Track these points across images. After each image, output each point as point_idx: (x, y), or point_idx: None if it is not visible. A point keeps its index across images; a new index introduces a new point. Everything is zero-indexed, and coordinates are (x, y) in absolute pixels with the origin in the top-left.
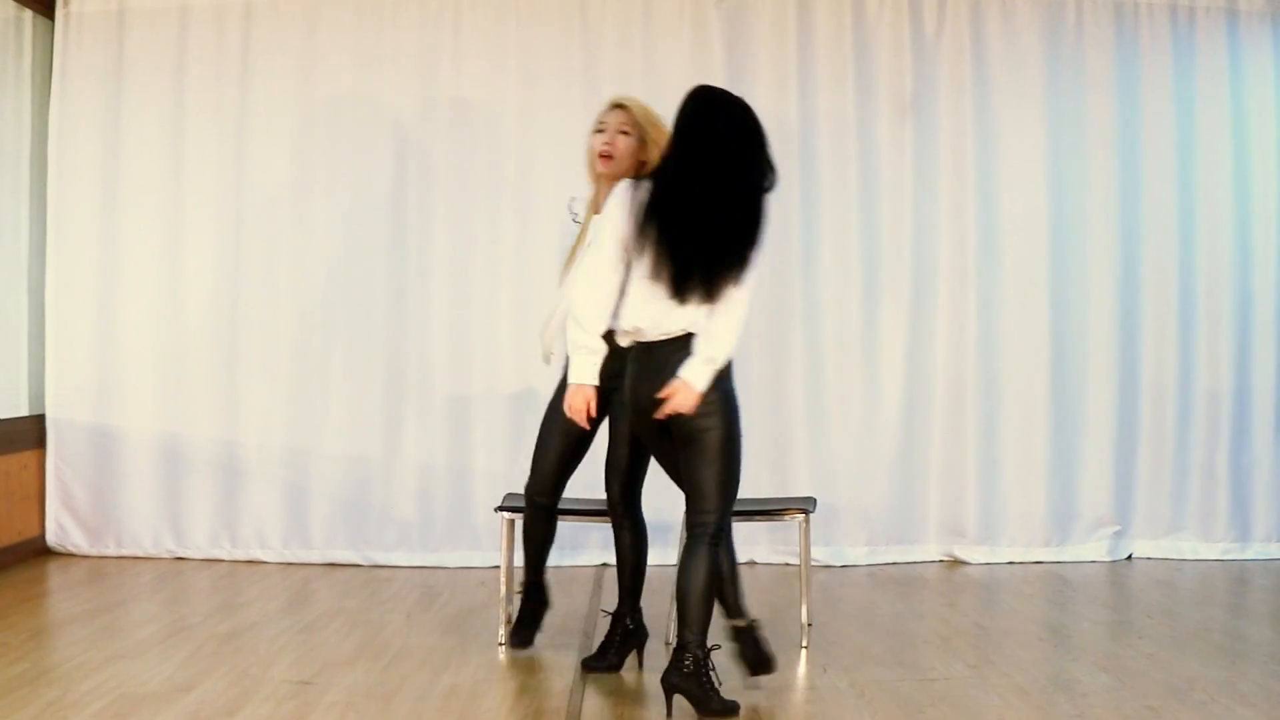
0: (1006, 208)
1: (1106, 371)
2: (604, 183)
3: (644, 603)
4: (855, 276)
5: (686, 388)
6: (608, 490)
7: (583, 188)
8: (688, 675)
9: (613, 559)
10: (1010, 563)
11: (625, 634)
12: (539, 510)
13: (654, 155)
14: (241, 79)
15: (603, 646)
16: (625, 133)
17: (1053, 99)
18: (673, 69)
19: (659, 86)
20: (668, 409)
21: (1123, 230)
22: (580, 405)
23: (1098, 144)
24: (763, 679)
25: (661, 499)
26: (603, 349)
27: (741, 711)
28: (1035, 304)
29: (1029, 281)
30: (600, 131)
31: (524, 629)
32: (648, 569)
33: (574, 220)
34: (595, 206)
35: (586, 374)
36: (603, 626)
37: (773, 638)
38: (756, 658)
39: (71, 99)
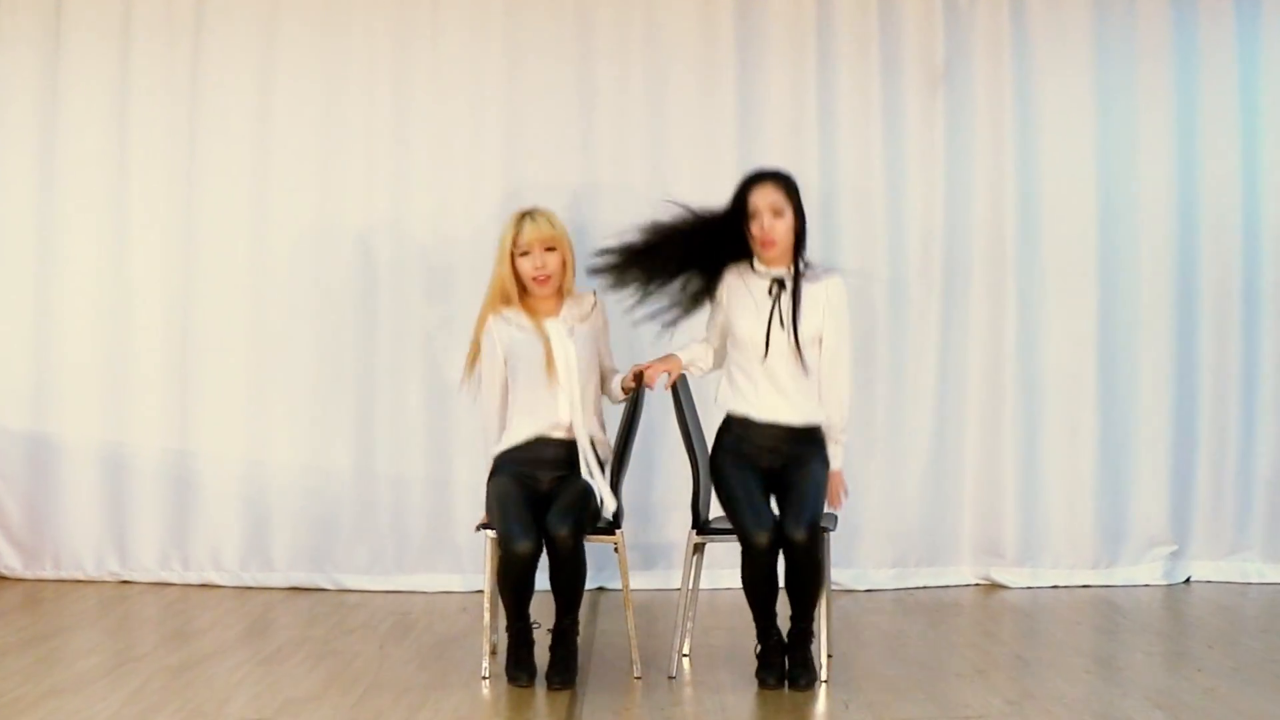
0: (1049, 190)
1: (1161, 373)
2: (542, 299)
3: (652, 633)
4: (880, 266)
5: None
6: (558, 529)
7: (579, 179)
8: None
9: (608, 582)
10: (1054, 586)
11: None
12: (532, 562)
13: (571, 254)
14: (194, 49)
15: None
16: (551, 249)
17: (1101, 68)
18: (677, 40)
19: (661, 61)
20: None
21: (1180, 215)
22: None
23: (1152, 118)
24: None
25: (660, 519)
26: None
27: None
28: (1081, 297)
29: (1074, 272)
30: (525, 255)
31: (525, 665)
32: (654, 592)
33: None
34: (539, 314)
35: None
36: (598, 650)
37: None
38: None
39: (3, 71)
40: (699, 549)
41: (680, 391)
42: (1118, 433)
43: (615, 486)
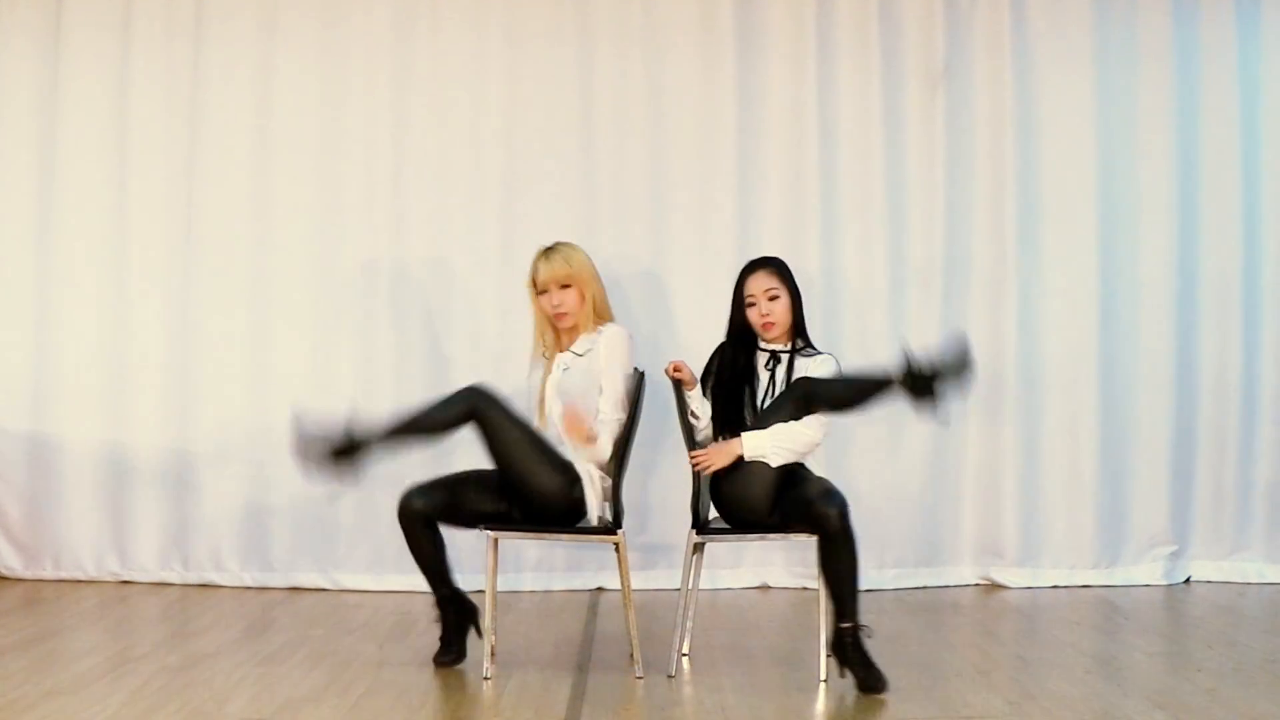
0: (1050, 190)
1: (1162, 373)
2: (566, 332)
3: (652, 633)
4: (879, 267)
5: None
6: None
7: (576, 171)
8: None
9: (608, 582)
10: (1054, 586)
11: (459, 615)
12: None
13: (591, 289)
14: (194, 42)
15: (444, 639)
16: (567, 286)
17: (1102, 68)
18: (675, 30)
19: (660, 48)
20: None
21: (1180, 215)
22: None
23: (1152, 119)
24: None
25: (660, 519)
26: None
27: None
28: (1082, 297)
29: (1075, 273)
30: (544, 293)
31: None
32: (654, 592)
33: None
34: (559, 347)
35: None
36: (601, 651)
37: (789, 670)
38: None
39: (3, 67)
40: (699, 549)
41: (681, 391)
42: (1118, 433)
43: (616, 487)
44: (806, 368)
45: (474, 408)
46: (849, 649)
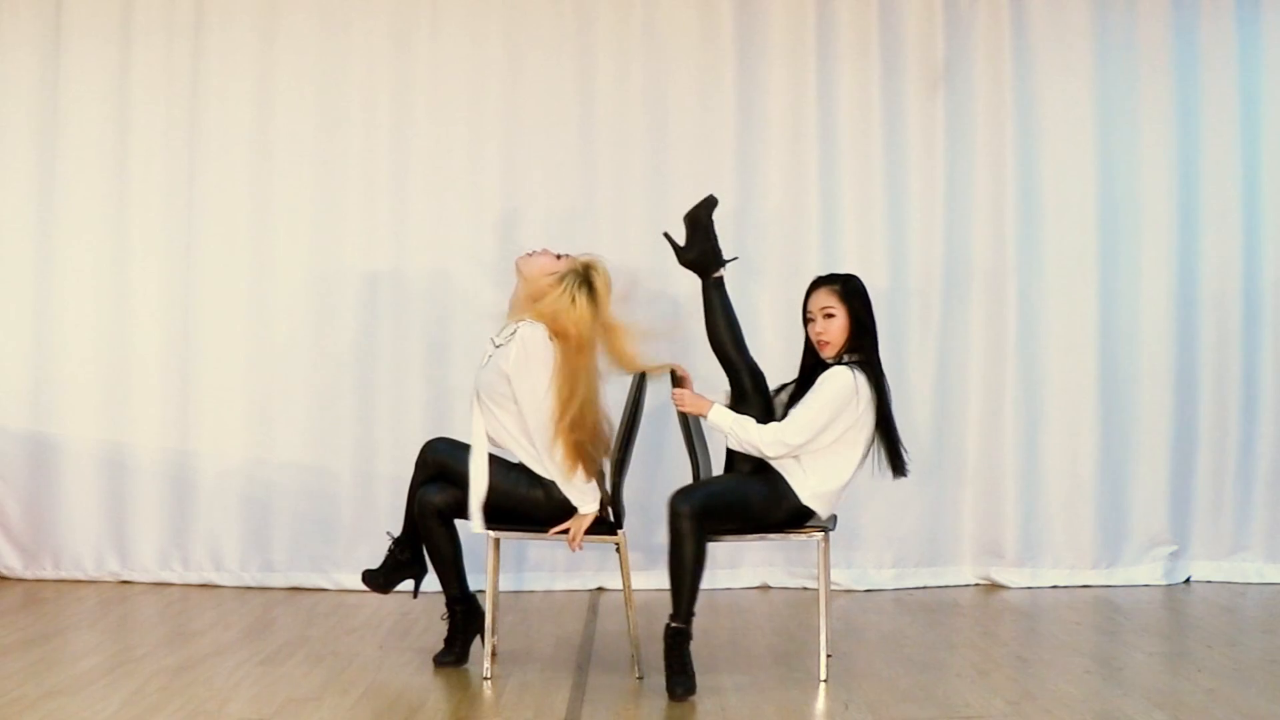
0: (1050, 192)
1: (1162, 374)
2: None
3: (652, 633)
4: (880, 269)
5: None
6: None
7: (576, 177)
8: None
9: (609, 582)
10: (1054, 587)
11: (466, 617)
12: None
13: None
14: (193, 51)
15: (448, 639)
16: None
17: (1102, 70)
18: (676, 35)
19: (660, 56)
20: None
21: (1180, 218)
22: None
23: (1152, 121)
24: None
25: (661, 519)
26: None
27: None
28: (1082, 299)
29: (1075, 275)
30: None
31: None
32: (654, 592)
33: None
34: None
35: None
36: (601, 651)
37: (788, 669)
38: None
39: (4, 74)
40: None
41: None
42: (1118, 434)
43: (616, 486)
44: (824, 377)
45: (438, 465)
46: (668, 648)
